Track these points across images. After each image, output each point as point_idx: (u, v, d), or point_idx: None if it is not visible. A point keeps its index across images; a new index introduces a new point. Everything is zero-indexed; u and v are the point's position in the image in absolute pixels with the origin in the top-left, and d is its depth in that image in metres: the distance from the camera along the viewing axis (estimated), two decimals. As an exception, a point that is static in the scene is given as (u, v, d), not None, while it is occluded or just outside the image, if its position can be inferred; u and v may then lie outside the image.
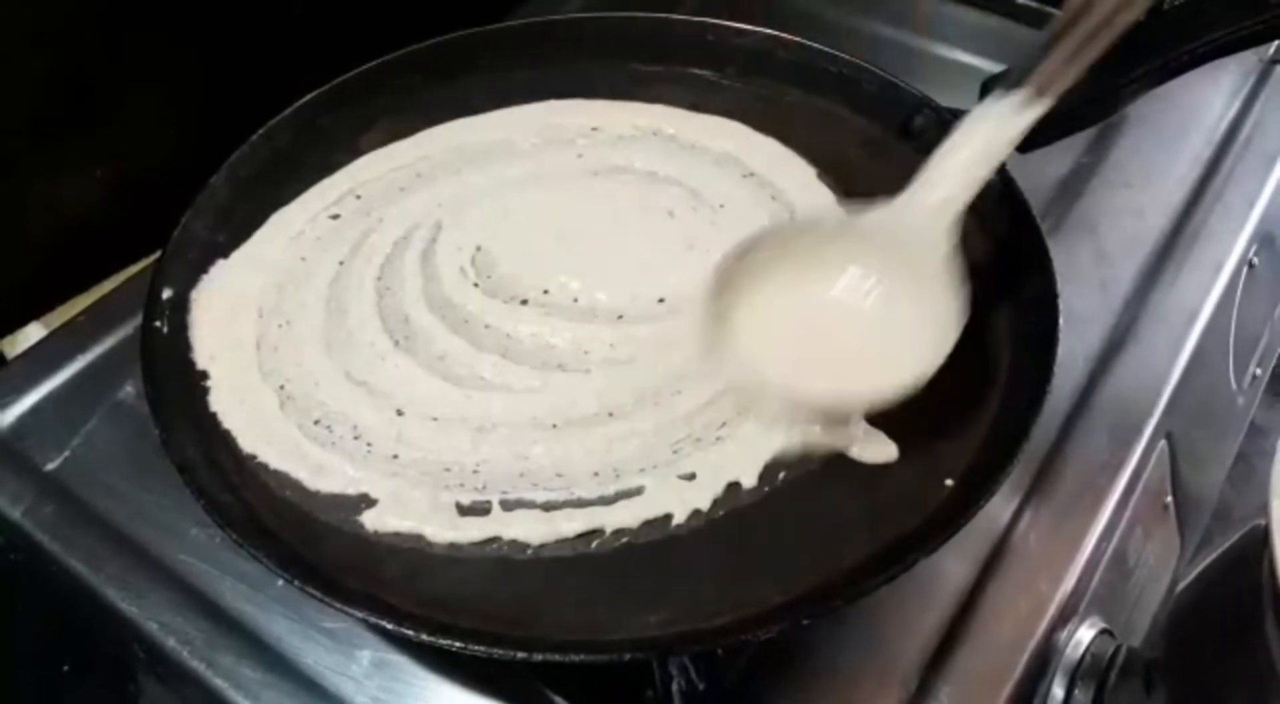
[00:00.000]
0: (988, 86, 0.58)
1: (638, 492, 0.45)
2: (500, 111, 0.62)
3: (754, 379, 0.45)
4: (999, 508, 0.54)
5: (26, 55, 0.62)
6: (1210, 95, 0.77)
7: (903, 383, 0.42)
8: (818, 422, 0.45)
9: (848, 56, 0.61)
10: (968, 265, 0.45)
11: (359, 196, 0.57)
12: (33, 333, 0.66)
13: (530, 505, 0.45)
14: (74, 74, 0.65)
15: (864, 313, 0.45)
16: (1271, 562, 0.37)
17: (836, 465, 0.46)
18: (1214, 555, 0.46)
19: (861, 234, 0.46)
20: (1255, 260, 0.71)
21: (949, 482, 0.45)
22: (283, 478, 0.46)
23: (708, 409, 0.47)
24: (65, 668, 0.56)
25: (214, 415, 0.48)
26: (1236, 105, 0.77)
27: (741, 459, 0.46)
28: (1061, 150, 0.66)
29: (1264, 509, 0.38)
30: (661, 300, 0.51)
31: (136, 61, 0.68)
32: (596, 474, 0.46)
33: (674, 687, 0.47)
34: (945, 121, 0.57)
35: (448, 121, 0.61)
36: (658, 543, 0.44)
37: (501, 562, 0.44)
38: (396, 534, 0.44)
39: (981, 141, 0.46)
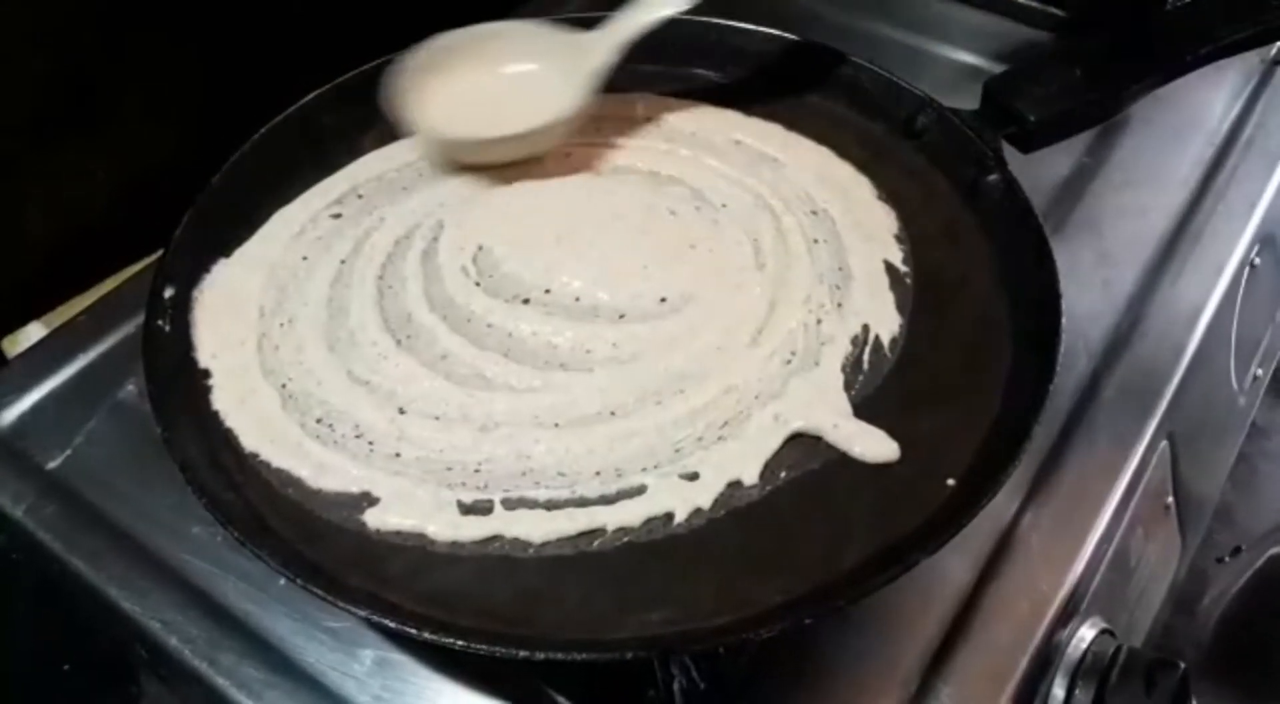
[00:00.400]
0: (989, 87, 0.58)
1: (639, 490, 0.45)
2: (502, 111, 0.62)
3: (440, 139, 0.58)
4: (1000, 508, 0.54)
5: (26, 55, 0.62)
6: (1212, 96, 0.77)
7: (535, 126, 0.56)
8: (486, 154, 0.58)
9: (849, 56, 0.61)
10: (964, 264, 0.52)
11: (361, 196, 0.58)
12: (34, 332, 0.66)
13: (532, 504, 0.45)
14: (74, 74, 0.65)
15: (526, 91, 0.60)
16: None
17: (838, 465, 0.46)
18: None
19: (549, 43, 0.60)
20: (1257, 261, 0.71)
21: (950, 481, 0.45)
22: (285, 476, 0.46)
23: (710, 408, 0.48)
24: (66, 667, 0.56)
25: (216, 414, 0.48)
26: (1238, 106, 0.77)
27: (743, 458, 0.46)
28: (1064, 151, 0.66)
29: None
30: (663, 299, 0.51)
31: (136, 61, 0.68)
32: (598, 473, 0.46)
33: (675, 686, 0.47)
34: (947, 121, 0.58)
35: (449, 121, 0.61)
36: (659, 541, 0.44)
37: (503, 560, 0.44)
38: (398, 533, 0.44)
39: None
